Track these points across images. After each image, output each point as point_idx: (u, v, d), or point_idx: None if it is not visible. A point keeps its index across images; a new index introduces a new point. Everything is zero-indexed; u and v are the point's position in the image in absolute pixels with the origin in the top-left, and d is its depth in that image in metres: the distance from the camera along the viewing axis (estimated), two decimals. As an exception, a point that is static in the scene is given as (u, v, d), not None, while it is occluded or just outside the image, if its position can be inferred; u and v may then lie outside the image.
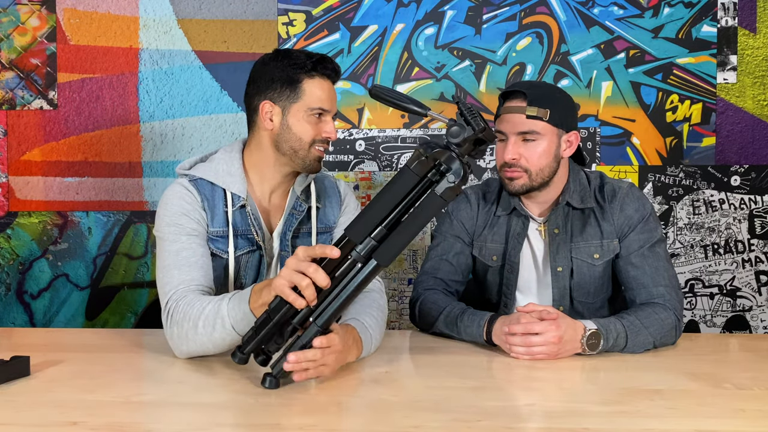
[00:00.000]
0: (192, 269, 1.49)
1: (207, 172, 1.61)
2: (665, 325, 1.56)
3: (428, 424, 1.09)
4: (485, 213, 1.81)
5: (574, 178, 1.75)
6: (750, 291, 2.64)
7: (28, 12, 2.67)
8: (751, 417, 1.14)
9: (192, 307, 1.39)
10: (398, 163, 2.66)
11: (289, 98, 1.59)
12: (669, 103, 2.61)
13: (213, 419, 1.12)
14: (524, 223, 1.76)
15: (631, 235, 1.70)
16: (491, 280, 1.81)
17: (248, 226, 1.60)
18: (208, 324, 1.35)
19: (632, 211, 1.71)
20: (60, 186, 2.70)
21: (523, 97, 1.65)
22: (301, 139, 1.59)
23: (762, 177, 2.61)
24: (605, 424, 1.09)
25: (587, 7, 2.60)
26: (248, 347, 1.26)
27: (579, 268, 1.72)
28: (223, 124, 2.68)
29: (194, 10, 2.66)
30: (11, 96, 2.69)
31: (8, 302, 2.73)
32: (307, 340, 1.22)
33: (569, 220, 1.74)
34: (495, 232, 1.79)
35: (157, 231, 1.58)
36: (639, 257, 1.68)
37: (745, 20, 2.58)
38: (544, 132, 1.65)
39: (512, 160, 1.65)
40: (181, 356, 1.44)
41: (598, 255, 1.72)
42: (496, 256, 1.78)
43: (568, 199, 1.72)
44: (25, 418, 1.12)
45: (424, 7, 2.63)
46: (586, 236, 1.72)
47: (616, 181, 1.78)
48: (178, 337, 1.41)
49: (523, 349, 1.45)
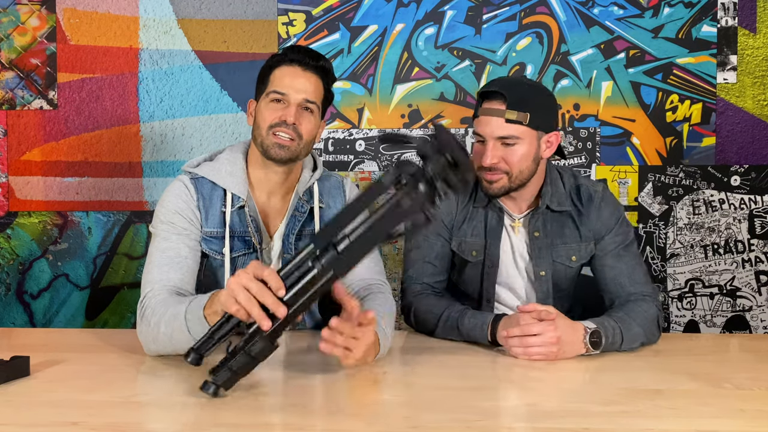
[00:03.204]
0: (172, 269, 1.50)
1: (210, 171, 1.61)
2: (649, 316, 1.60)
3: (428, 424, 1.09)
4: (464, 206, 1.79)
5: (551, 180, 1.75)
6: (750, 291, 2.64)
7: (28, 12, 2.67)
8: (751, 417, 1.14)
9: (159, 307, 1.40)
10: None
11: (261, 90, 1.60)
12: (669, 103, 2.61)
13: (213, 419, 1.12)
14: (500, 216, 1.75)
15: (607, 237, 1.72)
16: (470, 274, 1.80)
17: (245, 227, 1.60)
18: (169, 326, 1.35)
19: (608, 215, 1.73)
20: (60, 186, 2.70)
21: (502, 99, 1.61)
22: (259, 126, 1.58)
23: (762, 177, 2.61)
24: (605, 424, 1.09)
25: (587, 7, 2.60)
26: (204, 349, 1.19)
27: (557, 271, 1.74)
28: (223, 124, 2.68)
29: (194, 10, 2.66)
30: (11, 96, 2.69)
31: (8, 302, 2.73)
32: (252, 348, 1.16)
33: (549, 222, 1.74)
34: (474, 226, 1.77)
35: (152, 226, 1.59)
36: (615, 258, 1.71)
37: (745, 20, 2.58)
38: (524, 136, 1.63)
39: (492, 164, 1.64)
40: (149, 353, 1.45)
41: (575, 257, 1.73)
42: (476, 251, 1.77)
43: (548, 203, 1.72)
44: (25, 418, 1.12)
45: (424, 7, 2.63)
46: (565, 239, 1.74)
47: (589, 182, 1.78)
48: (146, 335, 1.42)
49: (521, 350, 1.45)
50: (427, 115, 2.65)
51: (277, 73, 1.58)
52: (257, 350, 1.16)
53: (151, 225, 1.59)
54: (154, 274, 1.49)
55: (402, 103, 2.65)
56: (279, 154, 1.56)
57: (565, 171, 1.80)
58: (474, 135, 1.70)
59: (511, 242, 1.77)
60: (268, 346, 1.16)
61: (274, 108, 1.56)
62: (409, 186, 1.12)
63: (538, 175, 1.72)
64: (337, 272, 1.14)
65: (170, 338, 1.36)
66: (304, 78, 1.56)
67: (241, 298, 1.13)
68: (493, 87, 1.64)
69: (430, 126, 2.48)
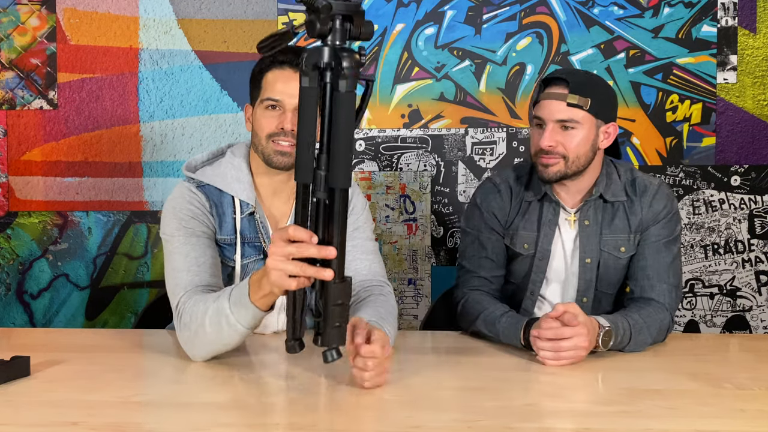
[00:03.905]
0: (201, 270, 1.47)
1: (215, 178, 1.58)
2: (662, 326, 1.60)
3: (428, 424, 1.09)
4: (517, 200, 1.78)
5: (607, 171, 1.75)
6: (750, 291, 2.64)
7: (28, 12, 2.67)
8: (751, 417, 1.14)
9: (197, 310, 1.36)
10: (398, 163, 2.66)
11: (255, 96, 1.57)
12: (669, 103, 2.61)
13: (213, 419, 1.12)
14: (555, 210, 1.75)
15: (652, 228, 1.71)
16: (519, 267, 1.79)
17: (256, 233, 1.58)
18: (214, 324, 1.32)
19: (660, 208, 1.72)
20: (60, 186, 2.70)
21: (564, 84, 1.63)
22: (258, 134, 1.55)
23: (762, 177, 2.61)
24: (605, 424, 1.09)
25: (587, 7, 2.60)
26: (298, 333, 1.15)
27: (605, 261, 1.73)
28: (223, 124, 2.68)
29: (194, 10, 2.66)
30: (11, 96, 2.69)
31: (8, 302, 2.73)
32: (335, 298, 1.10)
33: (600, 212, 1.73)
34: (527, 219, 1.77)
35: (164, 233, 1.54)
36: (652, 250, 1.70)
37: (745, 20, 2.58)
38: (584, 121, 1.64)
39: (549, 147, 1.64)
40: (196, 359, 1.41)
41: (624, 248, 1.72)
42: (527, 244, 1.76)
43: (602, 192, 1.72)
44: (25, 418, 1.12)
45: (424, 7, 2.63)
46: (615, 229, 1.73)
47: (647, 176, 1.77)
48: (190, 340, 1.38)
49: (552, 354, 1.42)
50: (427, 115, 2.65)
51: (268, 77, 1.54)
52: (340, 295, 1.11)
53: (162, 232, 1.55)
54: (183, 278, 1.45)
55: (402, 103, 2.65)
56: (281, 162, 1.54)
57: (622, 165, 1.80)
58: (533, 119, 1.70)
59: (562, 237, 1.76)
60: (342, 285, 1.11)
61: (271, 116, 1.53)
62: (332, 68, 1.07)
63: (594, 167, 1.71)
64: (339, 184, 1.08)
65: (219, 336, 1.33)
66: (296, 80, 1.47)
67: (290, 269, 1.10)
68: (556, 74, 1.67)
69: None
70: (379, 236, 2.67)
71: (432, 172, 2.66)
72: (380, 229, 2.67)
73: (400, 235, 2.68)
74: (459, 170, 2.65)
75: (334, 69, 1.07)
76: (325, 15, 1.08)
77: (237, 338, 1.33)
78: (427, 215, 2.67)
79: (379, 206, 2.68)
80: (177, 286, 1.45)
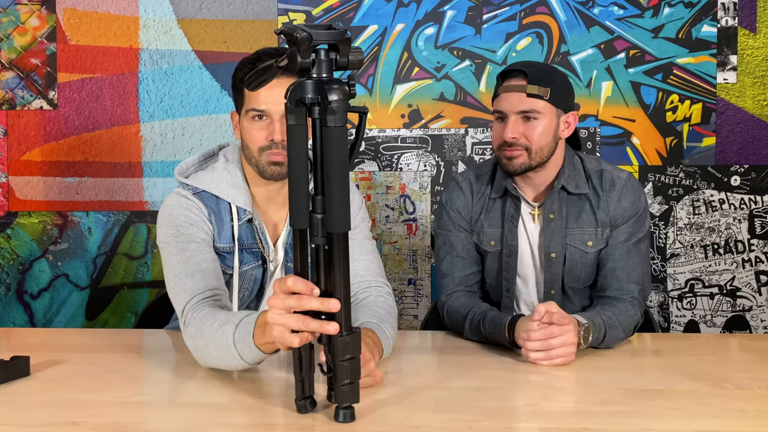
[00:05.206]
0: (204, 275, 1.44)
1: (209, 184, 1.54)
2: (632, 321, 1.61)
3: (428, 424, 1.09)
4: (480, 197, 1.79)
5: (569, 163, 1.74)
6: (750, 291, 2.64)
7: (28, 12, 2.67)
8: (751, 417, 1.14)
9: (203, 325, 1.31)
10: (398, 163, 2.66)
11: (239, 104, 1.52)
12: (669, 103, 2.61)
13: (213, 419, 1.12)
14: (517, 205, 1.75)
15: (621, 226, 1.71)
16: (490, 266, 1.79)
17: (254, 240, 1.56)
18: (220, 351, 1.27)
19: (628, 204, 1.71)
20: (60, 186, 2.70)
21: (523, 76, 1.64)
22: (249, 147, 1.50)
23: (762, 177, 2.61)
24: (605, 424, 1.09)
25: (587, 7, 2.60)
26: (308, 391, 1.12)
27: (572, 255, 1.72)
28: (223, 124, 2.68)
29: (194, 10, 2.66)
30: (11, 96, 2.69)
31: (8, 302, 2.73)
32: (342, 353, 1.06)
33: (564, 205, 1.73)
34: (491, 216, 1.77)
35: (161, 241, 1.51)
36: (622, 251, 1.70)
37: (745, 20, 2.58)
38: (545, 111, 1.64)
39: (512, 139, 1.64)
40: (205, 366, 1.38)
41: (591, 243, 1.72)
42: (493, 241, 1.77)
43: (564, 183, 1.71)
44: (25, 418, 1.12)
45: (424, 7, 2.63)
46: (581, 223, 1.72)
47: (615, 169, 1.76)
48: (197, 352, 1.35)
49: (543, 354, 1.41)
50: (427, 115, 2.65)
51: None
52: (348, 350, 1.05)
53: (159, 239, 1.52)
54: (186, 283, 1.41)
55: (402, 103, 2.65)
56: (275, 171, 1.50)
57: (590, 157, 1.79)
58: (494, 113, 1.70)
59: (528, 232, 1.76)
60: (351, 338, 1.05)
61: (259, 127, 1.48)
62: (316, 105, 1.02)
63: (556, 158, 1.71)
64: (337, 228, 1.02)
65: (224, 362, 1.28)
66: (279, 87, 1.41)
67: (292, 323, 1.05)
68: (514, 66, 1.68)
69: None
70: (379, 236, 2.67)
71: (432, 172, 2.66)
72: (380, 229, 2.68)
73: (400, 235, 2.68)
74: (459, 170, 2.65)
75: (322, 103, 1.01)
76: (306, 47, 1.00)
77: (244, 366, 1.27)
78: (427, 215, 2.67)
79: (379, 206, 2.68)
80: (181, 293, 1.41)
